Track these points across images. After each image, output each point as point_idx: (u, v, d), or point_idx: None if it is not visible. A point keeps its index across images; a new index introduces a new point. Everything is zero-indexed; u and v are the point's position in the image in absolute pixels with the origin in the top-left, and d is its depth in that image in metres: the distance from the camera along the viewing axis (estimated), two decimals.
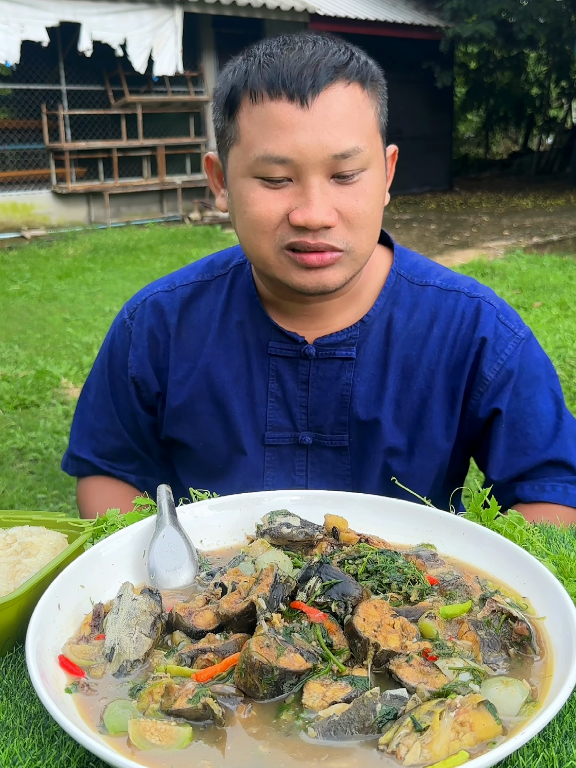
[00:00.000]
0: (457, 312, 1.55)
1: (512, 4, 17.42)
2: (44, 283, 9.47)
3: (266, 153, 1.31)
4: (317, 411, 1.56)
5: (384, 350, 1.55)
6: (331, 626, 0.91)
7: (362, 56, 1.39)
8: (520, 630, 0.92)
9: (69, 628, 0.97)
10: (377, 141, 1.39)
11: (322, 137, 1.29)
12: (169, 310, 1.63)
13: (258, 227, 1.36)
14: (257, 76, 1.32)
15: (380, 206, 1.42)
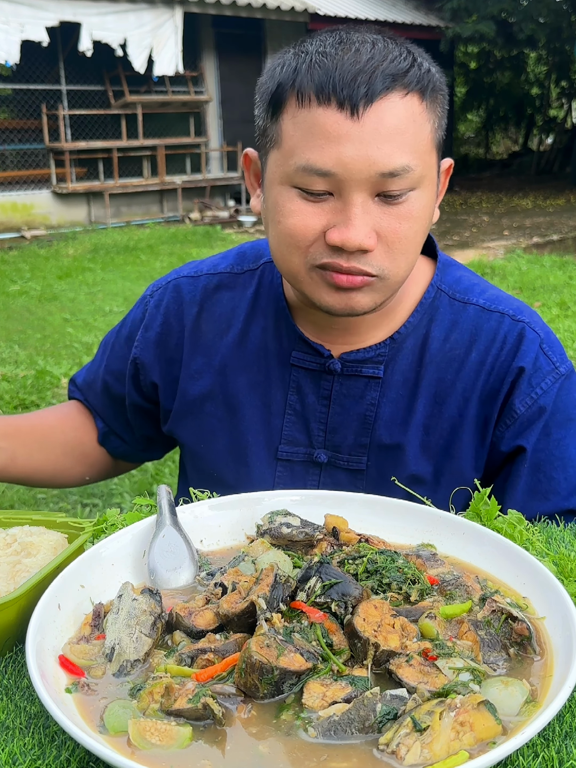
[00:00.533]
0: (498, 335, 1.44)
1: (512, 4, 17.42)
2: (44, 283, 9.47)
3: (308, 163, 1.21)
4: (336, 429, 1.47)
5: (416, 371, 1.45)
6: (331, 626, 0.91)
7: (425, 62, 1.27)
8: (520, 630, 0.92)
9: (69, 628, 0.97)
10: (431, 157, 1.28)
11: (371, 152, 1.19)
12: (189, 299, 1.55)
13: (291, 241, 1.27)
14: (306, 77, 1.21)
15: (425, 230, 1.31)
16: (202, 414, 1.54)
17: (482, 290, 1.49)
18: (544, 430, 1.43)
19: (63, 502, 4.24)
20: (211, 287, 1.55)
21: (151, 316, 1.58)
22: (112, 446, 1.76)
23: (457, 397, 1.44)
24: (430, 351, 1.44)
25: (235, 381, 1.51)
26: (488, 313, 1.46)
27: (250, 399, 1.50)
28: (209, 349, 1.53)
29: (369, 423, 1.46)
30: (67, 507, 4.16)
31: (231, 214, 15.23)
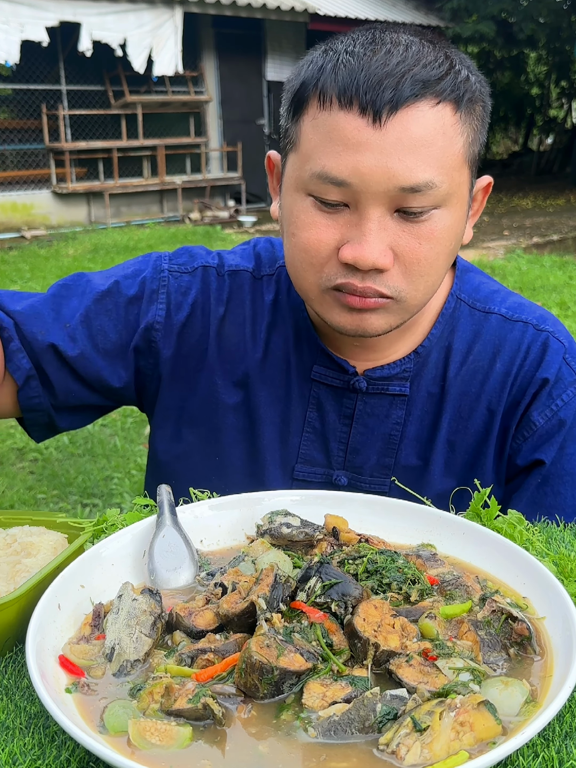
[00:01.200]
0: (522, 346, 1.38)
1: (512, 4, 17.43)
2: (44, 283, 9.47)
3: (323, 170, 1.13)
4: (358, 450, 1.40)
5: (440, 385, 1.39)
6: (331, 626, 0.91)
7: (464, 69, 1.16)
8: (520, 630, 0.92)
9: (69, 628, 0.97)
10: (462, 174, 1.18)
11: (391, 163, 1.10)
12: (216, 296, 1.44)
13: (305, 257, 1.20)
14: (330, 77, 1.12)
15: (449, 252, 1.22)
16: (224, 425, 1.45)
17: (503, 298, 1.43)
18: (561, 445, 1.38)
19: (63, 502, 4.24)
20: (235, 287, 1.45)
21: (176, 303, 1.44)
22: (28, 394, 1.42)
23: (483, 411, 1.39)
24: (453, 364, 1.39)
25: (257, 394, 1.43)
26: (511, 323, 1.40)
27: (269, 415, 1.43)
28: (233, 356, 1.44)
29: (394, 443, 1.39)
30: (67, 507, 4.17)
31: (231, 214, 15.23)
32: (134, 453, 4.85)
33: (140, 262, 1.49)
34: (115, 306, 1.43)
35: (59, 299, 1.44)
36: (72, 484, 4.43)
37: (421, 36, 1.18)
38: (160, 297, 1.43)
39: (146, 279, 1.45)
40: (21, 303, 1.42)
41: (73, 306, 1.43)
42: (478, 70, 1.24)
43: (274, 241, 1.53)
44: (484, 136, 1.23)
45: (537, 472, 1.39)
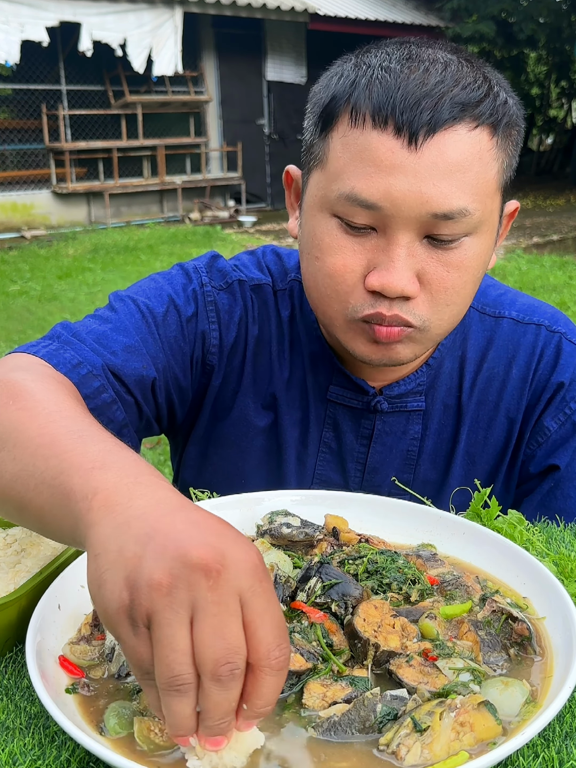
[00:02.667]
0: (537, 349, 1.35)
1: (512, 4, 17.43)
2: (44, 283, 9.47)
3: (353, 191, 1.08)
4: (377, 469, 1.36)
5: (456, 396, 1.36)
6: (331, 626, 0.91)
7: (503, 92, 1.11)
8: (521, 630, 0.92)
9: (69, 628, 0.97)
10: (494, 201, 1.14)
11: (425, 188, 1.05)
12: (251, 316, 1.36)
13: (331, 283, 1.15)
14: (365, 93, 1.07)
15: (476, 280, 1.18)
16: (253, 447, 1.40)
17: (512, 300, 1.40)
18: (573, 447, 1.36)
19: None
20: (261, 303, 1.38)
21: (225, 323, 1.36)
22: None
23: (502, 420, 1.36)
24: (468, 373, 1.36)
25: (283, 416, 1.38)
26: (524, 326, 1.37)
27: (293, 437, 1.38)
28: (262, 377, 1.39)
29: (412, 459, 1.37)
30: None
31: (231, 215, 15.23)
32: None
33: (182, 275, 1.38)
34: (179, 327, 1.33)
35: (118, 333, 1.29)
36: None
37: (458, 54, 1.13)
38: (211, 316, 1.35)
39: (197, 294, 1.36)
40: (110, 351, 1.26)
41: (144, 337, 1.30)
42: None
43: (279, 251, 1.47)
44: (516, 160, 1.19)
45: (551, 477, 1.37)
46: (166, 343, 1.31)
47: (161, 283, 1.36)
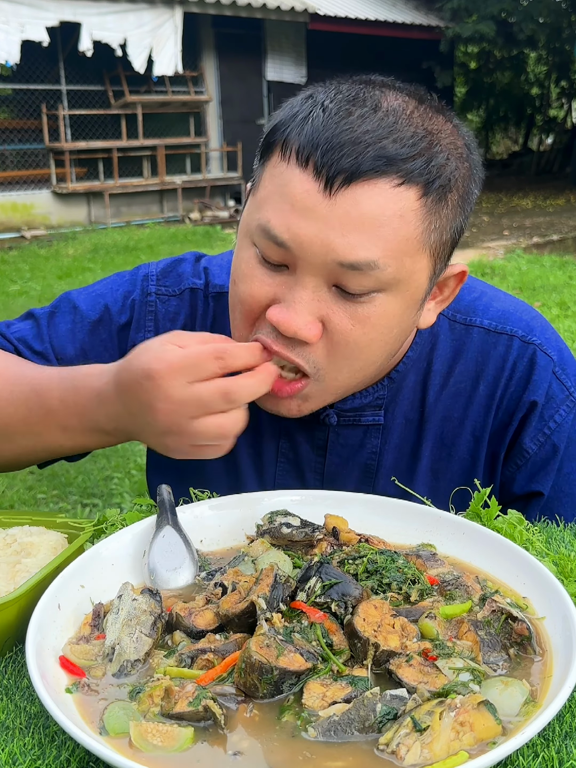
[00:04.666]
0: (507, 363, 1.29)
1: (512, 4, 17.44)
2: (44, 283, 9.47)
3: (267, 225, 1.06)
4: (334, 479, 1.34)
5: (419, 411, 1.31)
6: (331, 626, 0.91)
7: (445, 152, 1.05)
8: (520, 630, 0.92)
9: (69, 628, 0.97)
10: (417, 261, 1.07)
11: (333, 236, 1.02)
12: (200, 324, 1.38)
13: (241, 308, 1.14)
14: (297, 128, 1.04)
15: (386, 340, 1.12)
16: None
17: (486, 306, 1.33)
18: (559, 469, 1.33)
19: (63, 502, 4.24)
20: (219, 312, 1.39)
21: (164, 329, 1.37)
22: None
23: (467, 437, 1.32)
24: (433, 387, 1.31)
25: None
26: (495, 336, 1.30)
27: (244, 447, 1.37)
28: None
29: (371, 472, 1.34)
30: (67, 507, 4.16)
31: (231, 214, 15.23)
32: (134, 453, 4.85)
33: (128, 282, 1.44)
34: (109, 335, 1.40)
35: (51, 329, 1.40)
36: (72, 484, 4.43)
37: (417, 103, 1.07)
38: (148, 325, 1.38)
39: (135, 303, 1.40)
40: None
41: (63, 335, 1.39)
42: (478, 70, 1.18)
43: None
44: (460, 224, 1.13)
45: (536, 502, 1.34)
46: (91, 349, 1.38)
47: (107, 289, 1.43)
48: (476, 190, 1.14)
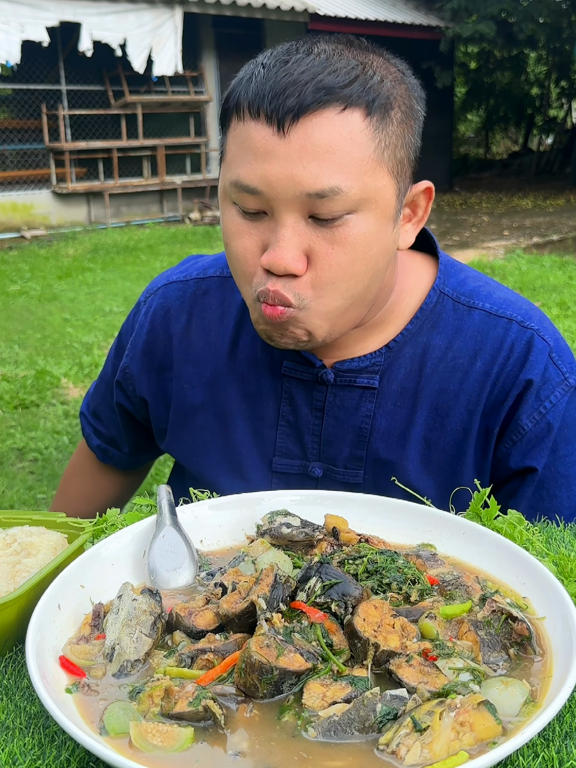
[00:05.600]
0: (505, 344, 1.36)
1: (512, 4, 17.43)
2: (44, 283, 9.47)
3: (238, 179, 1.16)
4: (331, 442, 1.41)
5: (415, 380, 1.37)
6: (331, 626, 0.91)
7: (380, 74, 1.15)
8: (520, 630, 0.92)
9: (69, 628, 0.97)
10: (377, 179, 1.16)
11: (296, 171, 1.11)
12: (178, 306, 1.50)
13: (238, 266, 1.24)
14: (245, 89, 1.16)
15: (368, 259, 1.20)
16: (195, 427, 1.50)
17: (489, 293, 1.40)
18: (552, 448, 1.36)
19: None
20: (200, 293, 1.49)
21: (140, 324, 1.54)
22: (115, 460, 1.78)
23: (461, 410, 1.37)
24: (431, 360, 1.37)
25: (226, 392, 1.46)
26: (495, 319, 1.37)
27: (242, 410, 1.46)
28: (200, 358, 1.48)
29: (364, 436, 1.39)
30: None
31: None
32: None
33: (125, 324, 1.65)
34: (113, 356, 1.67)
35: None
36: None
37: (347, 45, 1.17)
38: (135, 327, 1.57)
39: (122, 335, 1.63)
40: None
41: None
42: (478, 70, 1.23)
43: None
44: (412, 141, 1.22)
45: (531, 478, 1.38)
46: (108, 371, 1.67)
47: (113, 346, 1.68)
48: (420, 108, 1.24)
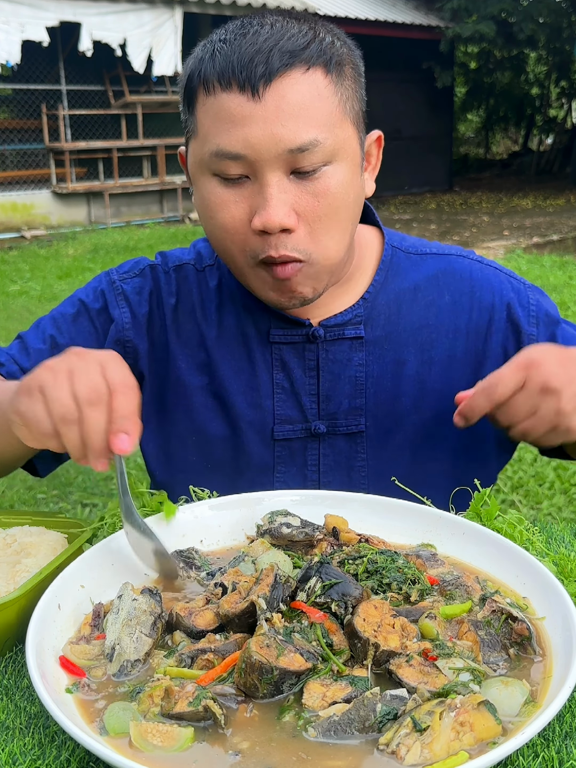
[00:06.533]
0: (464, 275, 1.52)
1: (512, 4, 17.43)
2: (44, 283, 9.47)
3: (219, 148, 1.24)
4: (330, 398, 1.48)
5: (396, 323, 1.49)
6: (331, 626, 0.91)
7: (329, 36, 1.28)
8: (520, 630, 0.92)
9: (69, 628, 0.97)
10: (344, 130, 1.27)
11: (275, 130, 1.21)
12: (167, 289, 1.53)
13: (227, 236, 1.30)
14: (209, 65, 1.25)
15: (349, 205, 1.30)
16: (194, 406, 1.52)
17: (427, 243, 1.57)
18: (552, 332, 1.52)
19: (63, 502, 4.24)
20: (181, 279, 1.55)
21: (135, 301, 1.53)
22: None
23: (443, 340, 1.49)
24: (405, 302, 1.49)
25: (219, 371, 1.50)
26: (445, 258, 1.53)
27: (237, 386, 1.50)
28: (191, 341, 1.52)
29: (361, 384, 1.47)
30: (67, 507, 4.16)
31: None
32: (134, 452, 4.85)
33: (93, 281, 1.60)
34: (90, 322, 1.54)
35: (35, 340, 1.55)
36: (72, 484, 4.43)
37: (289, 15, 1.30)
38: (120, 302, 1.54)
39: (105, 291, 1.56)
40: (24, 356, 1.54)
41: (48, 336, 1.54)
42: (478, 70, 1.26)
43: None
44: (361, 94, 1.33)
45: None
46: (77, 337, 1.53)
47: (76, 293, 1.60)
48: (361, 64, 1.35)
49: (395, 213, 15.18)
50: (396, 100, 17.46)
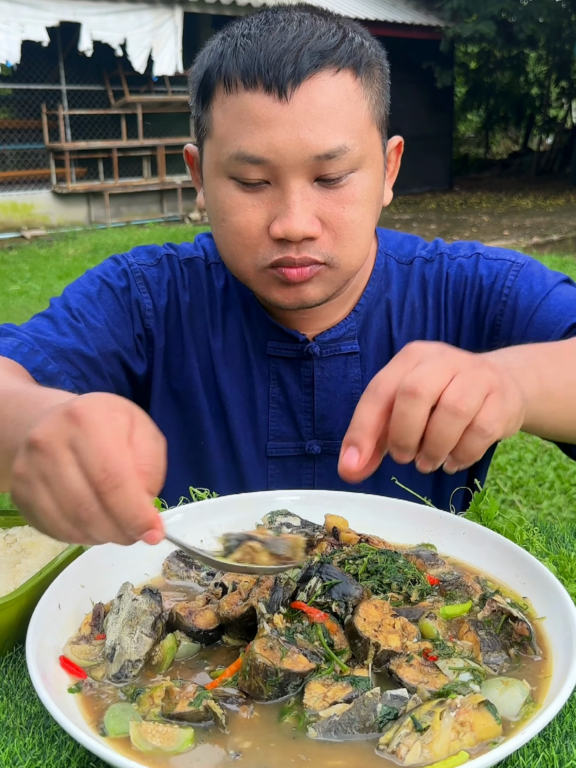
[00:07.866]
0: (442, 275, 1.46)
1: (512, 4, 17.43)
2: (44, 283, 9.47)
3: (239, 151, 1.17)
4: (325, 416, 1.44)
5: (387, 336, 1.45)
6: (331, 626, 0.91)
7: (358, 36, 1.22)
8: (520, 630, 0.92)
9: (69, 628, 0.97)
10: (372, 136, 1.23)
11: (303, 134, 1.14)
12: (181, 283, 1.48)
13: (239, 240, 1.24)
14: (232, 62, 1.16)
15: (372, 213, 1.26)
16: (192, 408, 1.48)
17: (424, 244, 1.52)
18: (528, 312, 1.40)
19: None
20: (193, 274, 1.49)
21: (155, 291, 1.46)
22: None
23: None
24: (394, 314, 1.45)
25: (221, 375, 1.46)
26: (430, 262, 1.48)
27: (235, 395, 1.46)
28: (200, 339, 1.48)
29: (356, 401, 1.41)
30: None
31: None
32: None
33: (106, 263, 1.50)
34: (114, 298, 1.43)
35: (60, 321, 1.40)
36: None
37: (312, 11, 1.23)
38: (141, 287, 1.46)
39: (126, 272, 1.47)
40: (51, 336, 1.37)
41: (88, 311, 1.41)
42: (478, 70, 1.25)
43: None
44: (387, 97, 1.29)
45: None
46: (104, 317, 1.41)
47: (92, 272, 1.48)
48: (387, 65, 1.30)
49: (395, 213, 15.17)
50: (396, 100, 17.16)
